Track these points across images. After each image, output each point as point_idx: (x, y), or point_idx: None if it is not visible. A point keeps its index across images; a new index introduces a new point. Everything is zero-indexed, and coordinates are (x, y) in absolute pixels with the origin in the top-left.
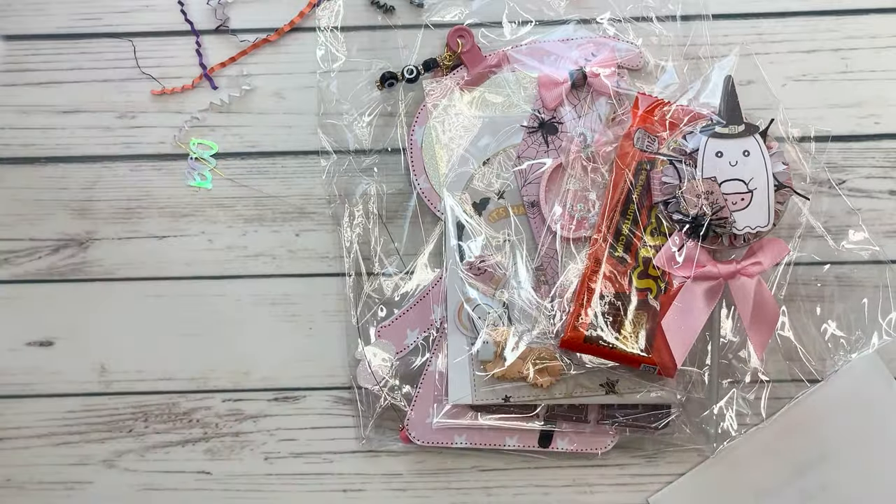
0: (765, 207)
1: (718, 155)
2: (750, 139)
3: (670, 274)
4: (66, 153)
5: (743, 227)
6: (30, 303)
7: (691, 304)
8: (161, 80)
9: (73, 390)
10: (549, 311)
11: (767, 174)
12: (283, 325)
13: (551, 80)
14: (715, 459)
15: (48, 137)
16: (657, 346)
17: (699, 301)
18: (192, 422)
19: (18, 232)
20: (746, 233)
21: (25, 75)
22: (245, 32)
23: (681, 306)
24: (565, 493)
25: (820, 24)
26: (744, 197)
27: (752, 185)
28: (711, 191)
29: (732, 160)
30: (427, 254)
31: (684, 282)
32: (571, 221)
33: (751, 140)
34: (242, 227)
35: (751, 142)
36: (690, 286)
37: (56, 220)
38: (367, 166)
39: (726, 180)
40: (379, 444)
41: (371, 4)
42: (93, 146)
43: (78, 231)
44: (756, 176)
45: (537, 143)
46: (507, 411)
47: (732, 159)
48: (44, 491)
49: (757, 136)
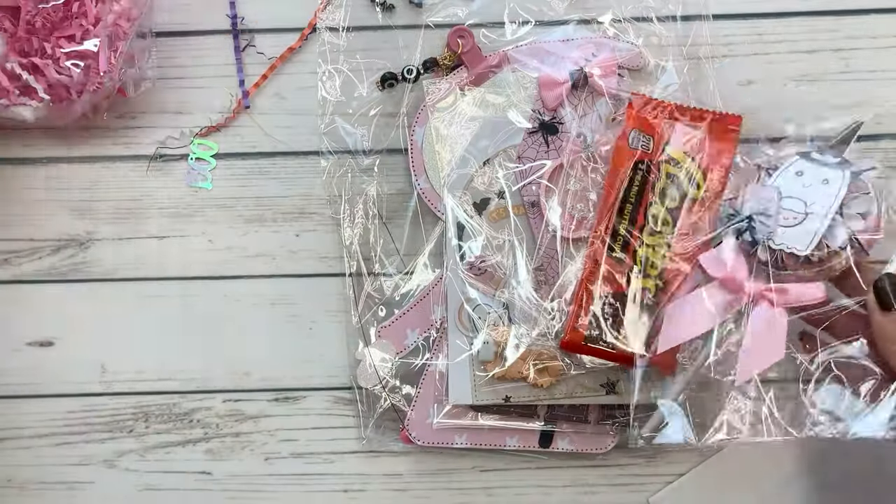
0: (811, 235)
1: (799, 174)
2: (837, 171)
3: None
4: (67, 153)
5: (779, 243)
6: (30, 303)
7: (703, 307)
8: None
9: (73, 390)
10: (549, 312)
11: (831, 207)
12: (284, 326)
13: (552, 80)
14: (715, 459)
15: (48, 137)
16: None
17: (713, 307)
18: (193, 422)
19: (18, 232)
20: (780, 250)
21: None
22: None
23: (693, 304)
24: (566, 493)
25: (820, 24)
26: (797, 217)
27: (810, 208)
28: (769, 197)
29: (808, 182)
30: (427, 254)
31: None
32: (571, 221)
33: (837, 173)
34: (242, 227)
35: (836, 174)
36: (712, 289)
37: (56, 220)
38: (367, 166)
39: (790, 196)
40: (379, 445)
41: (371, 2)
42: (93, 146)
43: (78, 231)
44: (819, 203)
45: (537, 143)
46: (507, 411)
47: (808, 182)
48: (45, 491)
49: (847, 171)
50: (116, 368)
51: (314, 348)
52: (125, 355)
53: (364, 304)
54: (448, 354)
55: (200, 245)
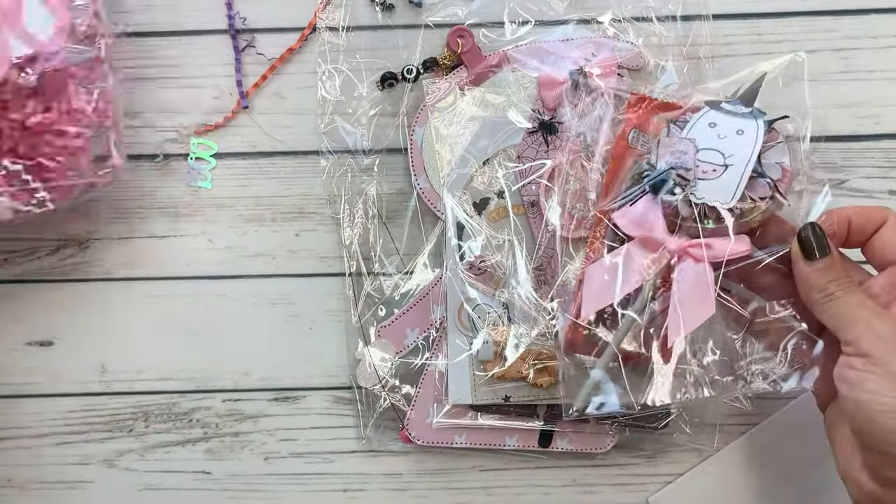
0: (733, 188)
1: (712, 125)
2: (751, 121)
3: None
4: None
5: (701, 197)
6: (30, 303)
7: (625, 267)
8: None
9: (73, 390)
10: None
11: (751, 158)
12: (283, 325)
13: (551, 80)
14: (715, 459)
15: None
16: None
17: (636, 267)
18: (192, 422)
19: (18, 232)
20: (703, 204)
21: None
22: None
23: (613, 264)
24: (565, 493)
25: (819, 24)
26: (716, 169)
27: (729, 160)
28: (685, 150)
29: (723, 133)
30: (427, 253)
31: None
32: (571, 221)
33: (751, 123)
34: (242, 227)
35: (751, 124)
36: (632, 248)
37: (56, 220)
38: (367, 166)
39: (706, 148)
40: (379, 444)
41: (371, 2)
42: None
43: (78, 231)
44: (738, 155)
45: (537, 143)
46: (506, 411)
47: (723, 133)
48: (45, 490)
49: (760, 121)
50: (116, 368)
51: (314, 348)
52: (125, 355)
53: (364, 303)
54: (448, 354)
55: (200, 245)
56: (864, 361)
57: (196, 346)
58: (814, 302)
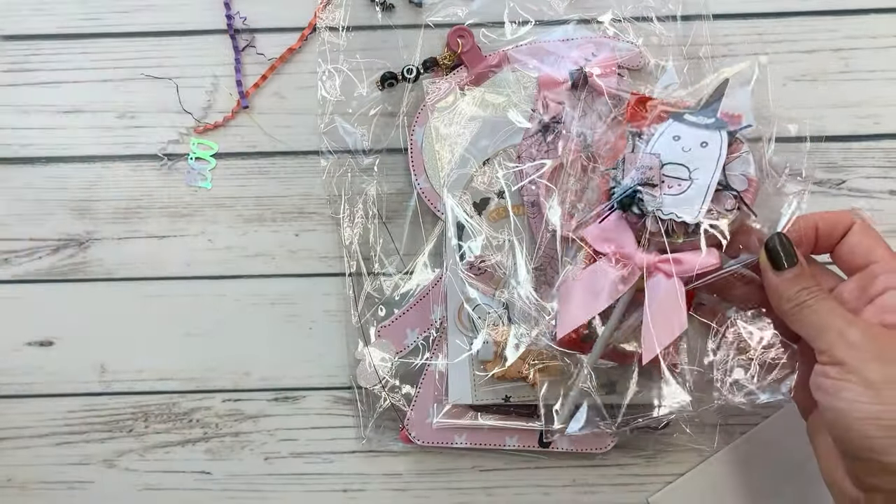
0: (698, 202)
1: (676, 139)
2: (715, 134)
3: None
4: (66, 153)
5: (668, 213)
6: (30, 303)
7: (599, 286)
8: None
9: (73, 390)
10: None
11: (715, 171)
12: (283, 325)
13: (551, 80)
14: (715, 459)
15: (48, 137)
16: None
17: (607, 284)
18: (192, 422)
19: (18, 232)
20: (670, 219)
21: (25, 75)
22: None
23: (588, 283)
24: (565, 493)
25: (820, 24)
26: (681, 184)
27: (694, 175)
28: (651, 166)
29: (687, 146)
30: (427, 253)
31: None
32: (571, 221)
33: (715, 135)
34: (242, 227)
35: (714, 136)
36: (602, 266)
37: (56, 220)
38: (367, 166)
39: (671, 163)
40: (379, 444)
41: (371, 2)
42: (93, 146)
43: (78, 231)
44: (702, 168)
45: (537, 143)
46: (506, 411)
47: (687, 146)
48: (45, 491)
49: (723, 132)
50: (116, 368)
51: (314, 348)
52: (125, 355)
53: (364, 303)
54: (448, 354)
55: (200, 245)
56: (838, 370)
57: (196, 346)
58: (785, 312)
